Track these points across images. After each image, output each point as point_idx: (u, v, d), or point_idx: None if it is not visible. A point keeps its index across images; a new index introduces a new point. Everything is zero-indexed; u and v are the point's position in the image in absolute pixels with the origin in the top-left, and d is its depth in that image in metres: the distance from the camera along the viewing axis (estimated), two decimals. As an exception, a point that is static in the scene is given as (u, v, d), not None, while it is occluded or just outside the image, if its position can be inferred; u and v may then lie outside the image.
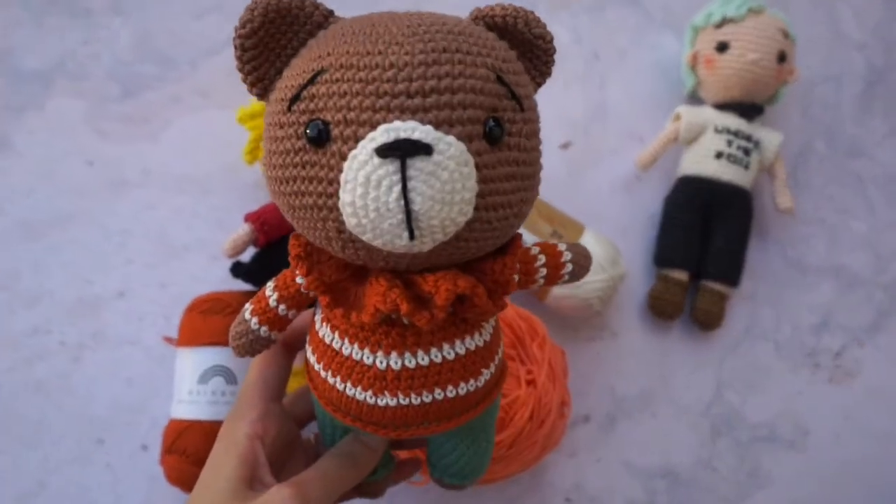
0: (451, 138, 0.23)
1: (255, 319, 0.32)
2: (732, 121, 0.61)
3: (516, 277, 0.29)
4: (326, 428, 0.36)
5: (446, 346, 0.29)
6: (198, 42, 0.65)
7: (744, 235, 0.62)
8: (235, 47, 0.26)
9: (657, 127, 0.65)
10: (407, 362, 0.29)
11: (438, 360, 0.29)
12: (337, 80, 0.24)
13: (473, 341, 0.30)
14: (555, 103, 0.67)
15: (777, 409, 0.63)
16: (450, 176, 0.23)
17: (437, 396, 0.30)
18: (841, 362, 0.65)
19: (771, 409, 0.63)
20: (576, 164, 0.66)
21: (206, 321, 0.52)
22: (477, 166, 0.24)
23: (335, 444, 0.35)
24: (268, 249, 0.54)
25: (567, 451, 0.60)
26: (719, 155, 0.61)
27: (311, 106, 0.25)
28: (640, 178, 0.66)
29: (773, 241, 0.66)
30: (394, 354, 0.29)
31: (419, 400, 0.29)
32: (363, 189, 0.23)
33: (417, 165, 0.23)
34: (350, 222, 0.24)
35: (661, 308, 0.62)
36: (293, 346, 0.37)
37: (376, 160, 0.23)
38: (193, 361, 0.52)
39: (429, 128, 0.23)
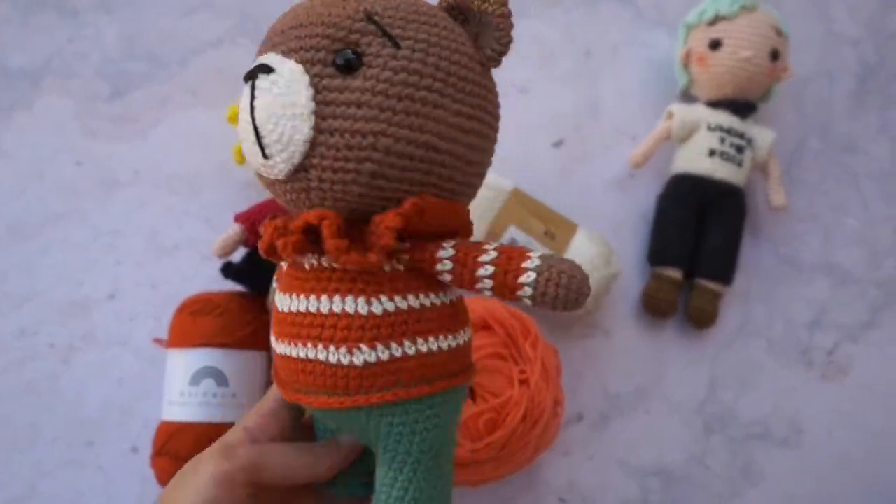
0: (290, 62, 0.27)
1: None
2: (725, 118, 0.61)
3: (446, 254, 0.28)
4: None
5: (410, 297, 0.29)
6: (187, 40, 0.65)
7: (737, 233, 0.62)
8: None
9: (650, 125, 0.65)
10: (374, 308, 0.28)
11: (405, 307, 0.29)
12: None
13: (438, 298, 0.30)
14: (547, 101, 0.66)
15: (770, 406, 0.63)
16: (280, 90, 0.26)
17: (407, 350, 0.28)
18: (834, 359, 0.64)
19: (764, 406, 0.63)
20: (568, 163, 0.65)
21: (196, 322, 0.51)
22: (316, 88, 0.26)
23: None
24: (258, 249, 0.54)
25: (560, 450, 0.60)
26: (712, 153, 0.60)
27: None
28: (634, 176, 0.66)
29: (766, 239, 0.66)
30: (349, 298, 0.28)
31: (387, 354, 0.28)
32: (240, 115, 0.28)
33: (259, 85, 0.27)
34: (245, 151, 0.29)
35: (654, 306, 0.61)
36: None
37: (244, 86, 0.28)
38: (184, 363, 0.51)
39: (277, 56, 0.27)
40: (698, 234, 0.62)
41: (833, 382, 0.64)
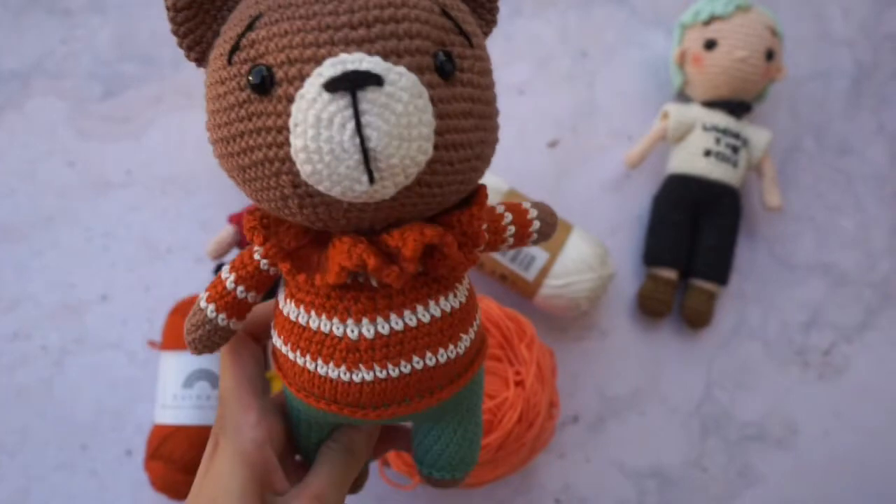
0: (401, 68, 0.22)
1: (211, 307, 0.29)
2: (720, 118, 0.61)
3: (485, 226, 0.28)
4: (301, 427, 0.33)
5: (420, 309, 0.27)
6: (181, 41, 0.64)
7: (732, 234, 0.62)
8: (168, 8, 0.25)
9: (646, 125, 0.65)
10: (380, 328, 0.27)
11: (413, 323, 0.27)
12: (276, 21, 0.23)
13: (448, 303, 0.28)
14: (542, 101, 0.66)
15: (766, 407, 0.63)
16: (405, 108, 0.22)
17: (415, 365, 0.27)
18: (829, 360, 0.65)
19: (760, 407, 0.63)
20: (563, 163, 0.65)
21: (189, 325, 0.51)
22: (432, 100, 0.23)
23: (330, 440, 0.33)
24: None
25: (556, 452, 0.59)
26: (707, 153, 0.60)
27: (252, 53, 0.23)
28: (629, 176, 0.66)
29: (761, 239, 0.66)
30: (365, 321, 0.27)
31: (397, 371, 0.27)
32: (314, 130, 0.22)
33: (369, 98, 0.21)
34: (305, 170, 0.22)
35: (650, 307, 0.61)
36: (260, 337, 0.34)
37: (325, 96, 0.21)
38: (177, 365, 0.51)
39: (377, 58, 0.22)
40: (693, 234, 0.62)
41: (829, 383, 0.64)
